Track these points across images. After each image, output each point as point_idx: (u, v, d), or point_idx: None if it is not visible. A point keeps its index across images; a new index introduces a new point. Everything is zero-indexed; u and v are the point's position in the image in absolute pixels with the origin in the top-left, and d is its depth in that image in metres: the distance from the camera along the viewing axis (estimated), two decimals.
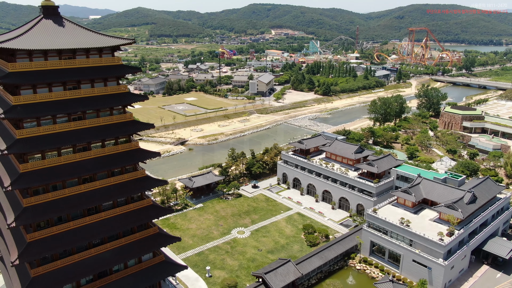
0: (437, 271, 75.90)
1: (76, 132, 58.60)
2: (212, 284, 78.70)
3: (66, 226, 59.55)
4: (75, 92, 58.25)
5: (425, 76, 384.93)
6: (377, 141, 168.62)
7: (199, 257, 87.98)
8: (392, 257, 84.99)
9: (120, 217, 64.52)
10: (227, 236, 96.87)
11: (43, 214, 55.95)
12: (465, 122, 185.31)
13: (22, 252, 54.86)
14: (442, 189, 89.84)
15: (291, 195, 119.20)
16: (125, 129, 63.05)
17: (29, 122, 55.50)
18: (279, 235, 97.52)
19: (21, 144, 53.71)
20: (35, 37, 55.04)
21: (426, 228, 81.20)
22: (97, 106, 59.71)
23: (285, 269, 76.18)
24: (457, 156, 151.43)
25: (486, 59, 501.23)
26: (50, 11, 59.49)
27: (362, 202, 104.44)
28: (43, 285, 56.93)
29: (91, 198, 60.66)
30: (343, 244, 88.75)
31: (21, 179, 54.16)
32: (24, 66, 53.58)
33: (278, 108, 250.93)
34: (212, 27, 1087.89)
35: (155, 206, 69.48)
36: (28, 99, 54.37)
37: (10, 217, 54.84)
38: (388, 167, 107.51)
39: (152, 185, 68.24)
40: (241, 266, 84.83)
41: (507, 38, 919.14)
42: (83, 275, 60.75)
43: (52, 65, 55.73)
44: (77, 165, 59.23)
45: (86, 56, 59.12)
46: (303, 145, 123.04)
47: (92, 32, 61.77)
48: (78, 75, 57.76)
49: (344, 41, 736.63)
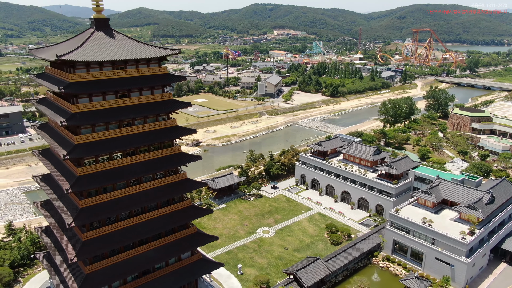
0: (459, 268, 79.65)
1: (127, 137, 62.33)
2: (245, 281, 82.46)
3: (116, 226, 63.32)
4: (126, 100, 61.98)
5: (430, 77, 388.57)
6: (389, 142, 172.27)
7: (228, 255, 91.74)
8: (414, 255, 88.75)
9: (163, 217, 68.31)
10: (253, 235, 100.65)
11: (97, 215, 59.64)
12: (474, 123, 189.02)
13: (79, 251, 58.53)
14: (461, 190, 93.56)
15: (310, 196, 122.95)
16: (169, 134, 66.77)
17: (85, 128, 59.18)
18: (303, 234, 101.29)
19: (79, 149, 57.42)
20: (91, 48, 58.70)
21: (447, 228, 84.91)
22: (146, 113, 63.42)
23: (315, 266, 79.98)
24: (467, 157, 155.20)
25: (489, 59, 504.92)
26: (101, 23, 62.97)
27: (381, 202, 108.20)
28: (96, 281, 60.70)
29: (138, 199, 64.41)
30: (366, 243, 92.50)
31: (79, 182, 57.82)
32: (82, 76, 57.30)
33: (287, 110, 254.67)
34: (214, 27, 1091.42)
35: (195, 207, 73.31)
36: (86, 107, 58.08)
37: (68, 217, 58.46)
38: (406, 168, 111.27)
39: (192, 187, 71.84)
40: (270, 264, 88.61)
41: (509, 38, 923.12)
42: (131, 272, 64.47)
43: (107, 75, 59.44)
44: (126, 169, 62.95)
45: (135, 66, 62.83)
46: (321, 147, 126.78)
47: (140, 43, 65.51)
48: (129, 84, 61.48)
49: (347, 42, 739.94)
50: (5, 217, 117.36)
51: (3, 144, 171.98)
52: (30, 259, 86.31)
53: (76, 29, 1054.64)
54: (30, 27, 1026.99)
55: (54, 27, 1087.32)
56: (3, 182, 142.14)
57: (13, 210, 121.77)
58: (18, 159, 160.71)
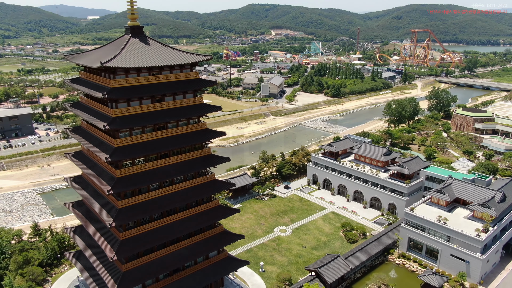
0: (475, 264, 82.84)
1: (161, 140, 64.92)
2: (267, 279, 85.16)
3: (150, 226, 65.89)
4: (161, 104, 64.58)
5: (429, 78, 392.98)
6: (395, 142, 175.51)
7: (248, 254, 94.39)
8: (429, 252, 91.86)
9: (193, 217, 70.92)
10: (271, 234, 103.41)
11: (135, 215, 62.16)
12: (477, 123, 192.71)
13: (117, 250, 61.00)
14: (473, 189, 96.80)
15: (323, 195, 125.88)
16: (201, 136, 69.39)
17: (124, 132, 61.65)
18: (319, 232, 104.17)
19: (119, 152, 59.91)
20: (129, 55, 61.17)
21: (461, 225, 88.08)
22: (179, 117, 66.02)
23: (336, 263, 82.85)
24: (472, 157, 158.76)
25: (486, 60, 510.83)
26: (136, 30, 65.48)
27: (394, 201, 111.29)
28: (132, 278, 63.28)
29: (171, 200, 67.00)
30: (382, 241, 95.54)
31: (119, 184, 60.32)
32: (122, 82, 59.81)
33: (291, 110, 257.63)
34: (211, 28, 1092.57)
35: (222, 207, 76.04)
36: (125, 111, 60.59)
37: (107, 218, 60.85)
38: (418, 168, 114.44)
39: (221, 187, 74.52)
40: (290, 261, 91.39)
41: (505, 38, 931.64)
42: (164, 270, 67.02)
43: (144, 80, 61.95)
44: (161, 170, 65.54)
45: (170, 72, 65.41)
46: (333, 148, 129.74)
47: (172, 49, 68.04)
48: (165, 88, 64.05)
49: (345, 42, 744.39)
50: (23, 218, 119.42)
51: (14, 146, 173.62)
52: (57, 258, 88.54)
53: (73, 29, 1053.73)
54: (27, 28, 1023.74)
55: (51, 27, 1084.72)
56: (18, 183, 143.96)
57: (31, 211, 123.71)
58: (30, 161, 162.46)
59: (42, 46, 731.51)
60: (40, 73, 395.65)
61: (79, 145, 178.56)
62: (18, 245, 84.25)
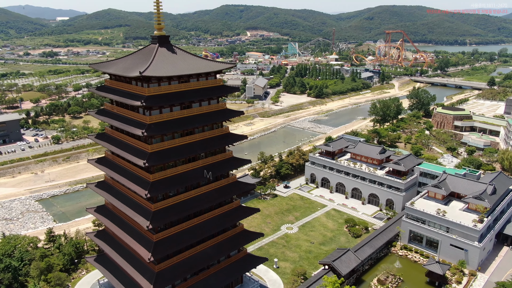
0: (473, 252, 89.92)
1: (190, 145, 67.89)
2: (282, 274, 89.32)
3: (180, 227, 68.71)
4: (190, 110, 67.57)
5: (405, 77, 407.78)
6: (382, 141, 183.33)
7: (260, 251, 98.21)
8: (429, 243, 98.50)
9: (218, 218, 74.15)
10: (278, 232, 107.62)
11: (169, 217, 64.90)
12: (456, 121, 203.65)
13: (153, 251, 63.59)
14: (466, 183, 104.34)
15: (322, 193, 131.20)
16: (224, 140, 72.72)
17: (157, 137, 64.27)
18: (324, 229, 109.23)
19: (154, 157, 62.55)
20: (160, 64, 63.85)
21: (458, 217, 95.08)
22: (206, 122, 69.16)
23: (347, 257, 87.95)
24: (455, 153, 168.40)
25: (456, 59, 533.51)
26: (163, 40, 68.15)
27: (391, 197, 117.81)
28: (166, 278, 66.06)
29: (199, 201, 70.04)
30: (386, 234, 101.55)
31: (154, 188, 62.92)
32: (156, 90, 62.51)
33: (277, 111, 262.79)
34: (186, 29, 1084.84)
35: (243, 207, 79.59)
36: (158, 118, 63.26)
37: (143, 221, 63.16)
38: (412, 165, 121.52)
39: (243, 188, 78.09)
40: (301, 257, 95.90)
41: (471, 38, 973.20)
42: (193, 269, 70.04)
43: (175, 88, 64.80)
44: (189, 173, 68.47)
45: (197, 79, 68.46)
46: (330, 148, 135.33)
47: (197, 57, 71.10)
48: (193, 95, 67.10)
49: (320, 43, 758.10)
50: (26, 225, 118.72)
51: (4, 152, 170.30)
52: (74, 263, 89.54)
53: (43, 31, 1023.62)
54: None
55: (18, 29, 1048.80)
56: (14, 191, 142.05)
57: (32, 219, 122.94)
58: (23, 168, 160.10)
59: (12, 48, 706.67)
60: (15, 77, 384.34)
61: (71, 150, 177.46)
62: (38, 251, 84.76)
